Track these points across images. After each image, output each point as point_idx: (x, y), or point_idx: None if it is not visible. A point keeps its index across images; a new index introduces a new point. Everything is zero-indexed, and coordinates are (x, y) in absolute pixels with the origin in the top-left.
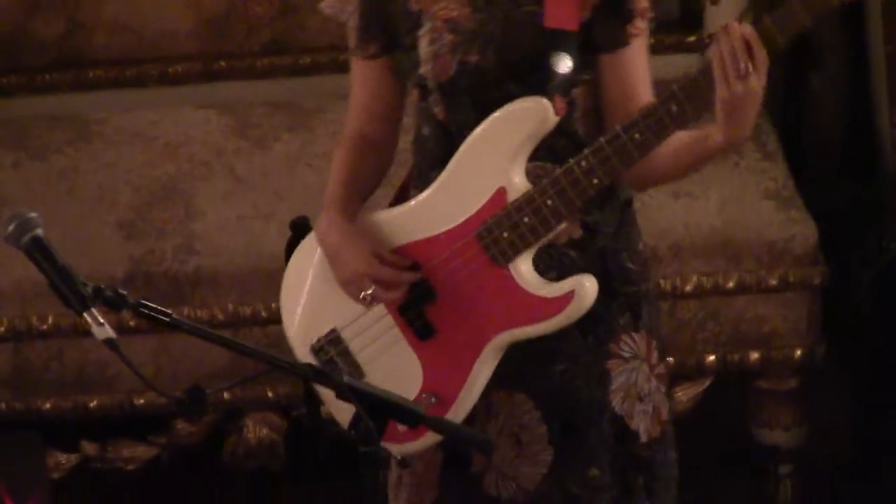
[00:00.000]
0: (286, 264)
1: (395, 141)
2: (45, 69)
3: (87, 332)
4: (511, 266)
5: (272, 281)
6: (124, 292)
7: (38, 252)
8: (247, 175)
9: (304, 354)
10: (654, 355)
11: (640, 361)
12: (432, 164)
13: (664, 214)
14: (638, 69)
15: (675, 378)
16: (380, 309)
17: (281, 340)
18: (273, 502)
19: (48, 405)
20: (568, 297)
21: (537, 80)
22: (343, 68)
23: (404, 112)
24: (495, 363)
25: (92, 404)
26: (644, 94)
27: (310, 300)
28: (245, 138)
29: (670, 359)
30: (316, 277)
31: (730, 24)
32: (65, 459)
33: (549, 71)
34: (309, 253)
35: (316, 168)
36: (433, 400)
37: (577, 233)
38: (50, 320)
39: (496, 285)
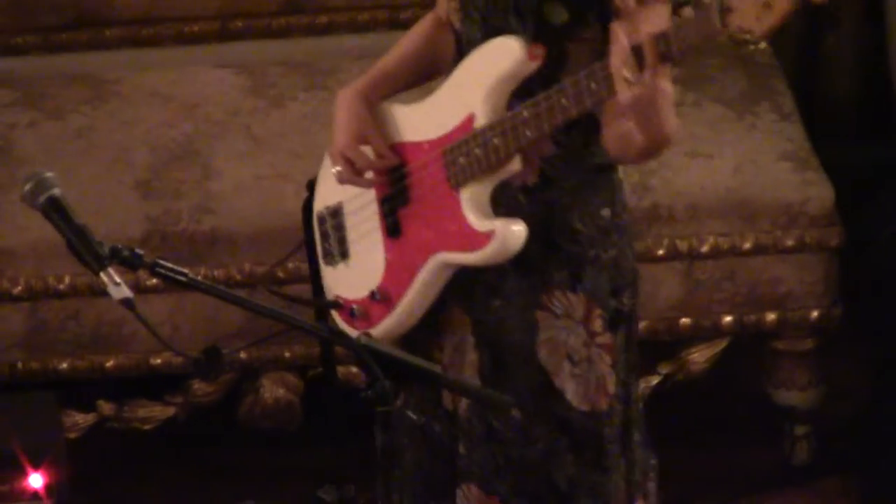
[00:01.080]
0: (303, 225)
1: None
2: (62, 28)
3: (104, 292)
4: (461, 191)
5: (288, 241)
6: (141, 252)
7: (55, 212)
8: (263, 135)
9: (315, 220)
10: (598, 323)
11: (575, 323)
12: (452, 62)
13: (680, 175)
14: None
15: (691, 339)
16: (371, 195)
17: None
18: (289, 462)
19: (64, 365)
20: (489, 235)
21: (534, 21)
22: (359, 28)
23: None
24: (441, 281)
25: (108, 364)
26: None
27: (328, 170)
28: (262, 98)
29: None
30: None
31: (612, 26)
32: (81, 419)
33: (540, 17)
34: None
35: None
36: (378, 296)
37: (533, 180)
38: (66, 280)
39: (447, 205)
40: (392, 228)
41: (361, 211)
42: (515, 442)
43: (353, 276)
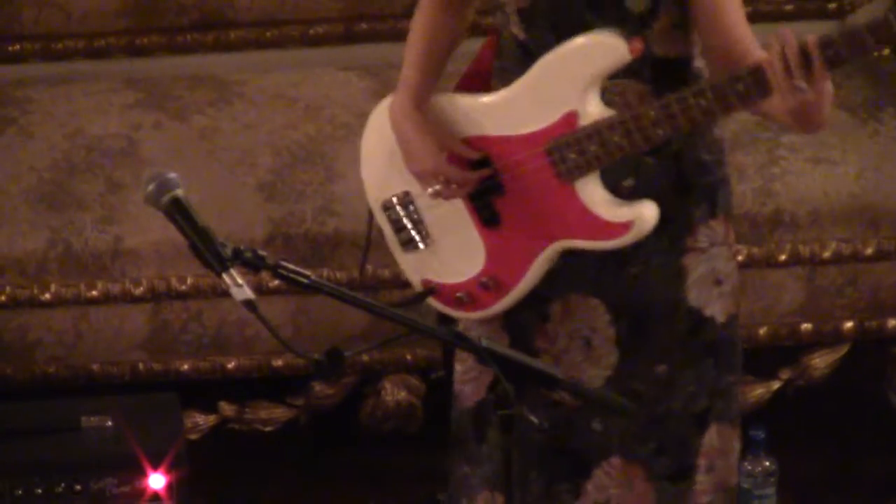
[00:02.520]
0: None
1: (470, 7)
2: (187, 30)
3: (226, 293)
4: (577, 184)
5: None
6: (264, 253)
7: (178, 212)
8: None
9: (374, 207)
10: (732, 234)
11: (720, 246)
12: (513, 68)
13: (803, 181)
14: (733, 13)
15: (812, 344)
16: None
17: (420, 305)
18: (409, 465)
19: (186, 366)
20: (629, 224)
21: (614, 13)
22: (483, 32)
23: None
24: (551, 263)
25: (230, 365)
26: (746, 38)
27: (388, 160)
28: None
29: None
30: (394, 143)
31: (782, 32)
32: (202, 420)
33: (623, 9)
34: (386, 118)
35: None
36: (490, 284)
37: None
38: (189, 281)
39: (562, 199)
40: (489, 220)
41: (443, 202)
42: (660, 398)
43: (443, 261)
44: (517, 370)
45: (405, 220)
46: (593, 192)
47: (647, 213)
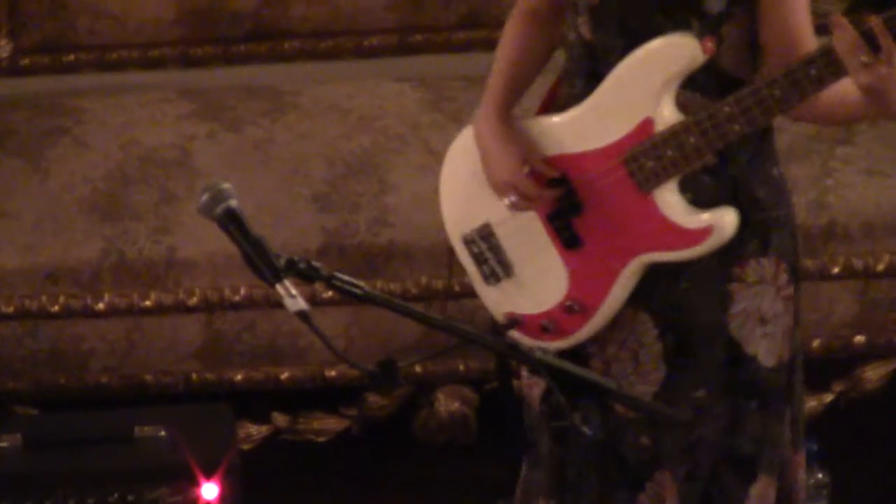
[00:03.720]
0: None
1: (559, 21)
2: (241, 40)
3: (280, 304)
4: (656, 193)
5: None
6: (317, 264)
7: (232, 223)
8: (442, 149)
9: (456, 242)
10: (783, 277)
11: (766, 286)
12: (577, 71)
13: (857, 193)
14: (797, 12)
15: (865, 357)
16: (531, 213)
17: (474, 314)
18: (463, 476)
19: (240, 376)
20: (707, 230)
21: (685, 15)
22: None
23: None
24: (636, 280)
25: (283, 376)
26: (805, 36)
27: (466, 191)
28: (440, 112)
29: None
30: (474, 170)
31: (836, 18)
32: (255, 431)
33: (701, 11)
34: (469, 143)
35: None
36: (576, 307)
37: (712, 160)
38: (242, 291)
39: (641, 210)
40: (569, 241)
41: (523, 231)
42: (695, 422)
43: (527, 292)
44: (571, 380)
45: (487, 253)
46: (672, 201)
47: (727, 218)
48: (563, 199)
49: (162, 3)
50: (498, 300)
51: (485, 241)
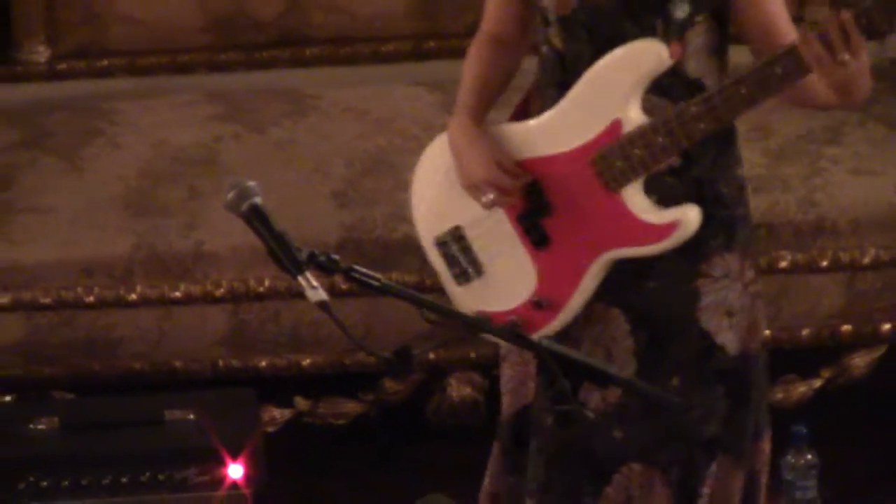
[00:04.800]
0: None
1: (525, 41)
2: (265, 46)
3: (302, 295)
4: (623, 192)
5: None
6: (336, 257)
7: (256, 219)
8: None
9: (428, 245)
10: (749, 274)
11: (732, 280)
12: (549, 81)
13: (844, 191)
14: (774, 6)
15: (852, 345)
16: (500, 214)
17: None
18: (473, 457)
19: (264, 363)
20: (673, 225)
21: (651, 21)
22: None
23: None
24: (602, 276)
25: (305, 362)
26: (784, 29)
27: (438, 196)
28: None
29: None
30: (445, 176)
31: (802, 34)
32: (279, 414)
33: (666, 16)
34: (441, 151)
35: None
36: (544, 303)
37: (676, 161)
38: (266, 283)
39: (608, 208)
40: (539, 240)
41: (492, 232)
42: (675, 410)
43: (496, 291)
44: (570, 368)
45: (458, 254)
46: (638, 199)
47: (690, 214)
48: (531, 200)
49: (190, 12)
50: (467, 299)
51: (456, 243)
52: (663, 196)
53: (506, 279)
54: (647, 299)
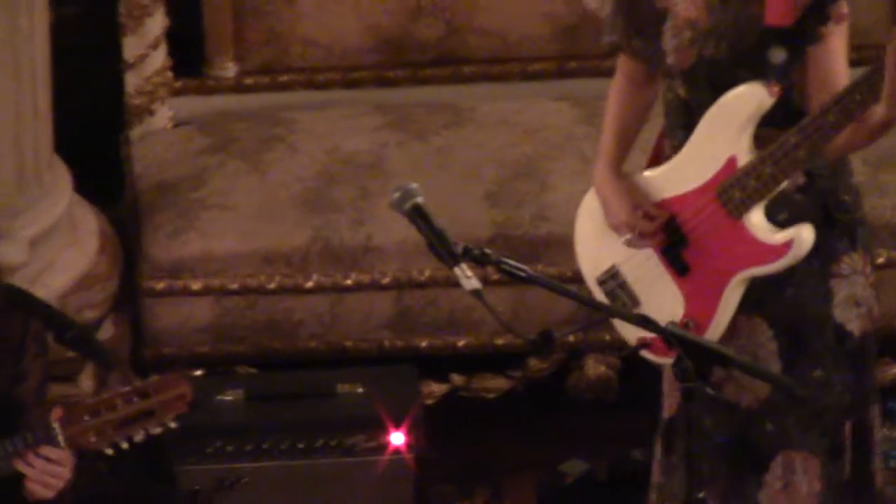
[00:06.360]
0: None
1: (656, 80)
2: (427, 65)
3: (458, 284)
4: (745, 218)
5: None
6: (488, 251)
7: (418, 216)
8: (593, 156)
9: (592, 284)
10: (869, 268)
11: (858, 275)
12: (677, 124)
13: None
14: (833, 62)
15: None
16: (648, 251)
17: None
18: (607, 427)
19: (424, 343)
20: (788, 244)
21: (763, 67)
22: None
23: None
24: (741, 294)
25: (460, 343)
26: (840, 82)
27: (594, 241)
28: (592, 125)
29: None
30: (599, 223)
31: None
32: (437, 389)
33: (766, 60)
34: (593, 199)
35: (646, 152)
36: (692, 324)
37: (801, 179)
38: (427, 273)
39: (733, 234)
40: (681, 269)
41: (642, 266)
42: (818, 397)
43: (652, 317)
44: (697, 354)
45: (617, 290)
46: (758, 223)
47: (804, 233)
48: (671, 235)
49: (361, 33)
50: (629, 327)
51: (614, 280)
52: (793, 212)
53: (658, 306)
54: (786, 305)
